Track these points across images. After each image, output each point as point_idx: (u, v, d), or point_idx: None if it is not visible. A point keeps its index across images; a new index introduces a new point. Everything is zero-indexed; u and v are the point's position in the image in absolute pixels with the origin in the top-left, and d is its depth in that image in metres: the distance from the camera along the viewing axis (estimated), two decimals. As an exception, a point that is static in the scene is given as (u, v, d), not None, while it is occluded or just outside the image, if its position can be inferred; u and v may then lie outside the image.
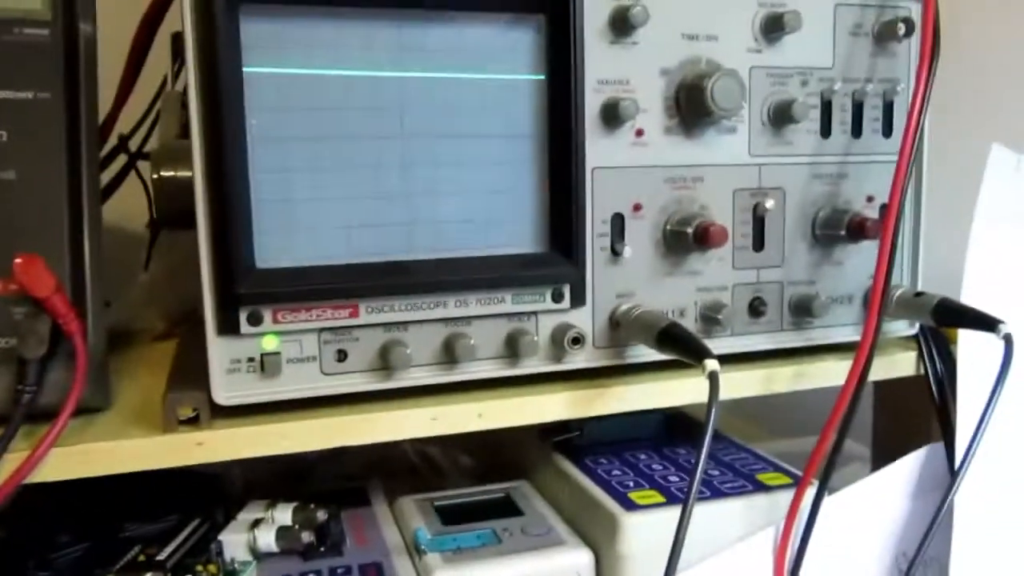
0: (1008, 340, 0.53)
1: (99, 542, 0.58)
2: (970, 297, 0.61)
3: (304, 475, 0.76)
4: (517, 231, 0.53)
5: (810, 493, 0.56)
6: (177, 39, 0.72)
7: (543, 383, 0.55)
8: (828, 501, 0.57)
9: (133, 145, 0.79)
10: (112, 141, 0.72)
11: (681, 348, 0.49)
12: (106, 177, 0.76)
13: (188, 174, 0.55)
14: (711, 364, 0.46)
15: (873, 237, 0.58)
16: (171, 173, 0.58)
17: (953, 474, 0.56)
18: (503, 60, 0.52)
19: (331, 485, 0.73)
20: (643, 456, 0.68)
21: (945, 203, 0.65)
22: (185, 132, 0.66)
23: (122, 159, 0.78)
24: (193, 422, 0.48)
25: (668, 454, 0.68)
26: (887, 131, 0.62)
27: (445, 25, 0.51)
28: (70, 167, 0.50)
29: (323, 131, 0.49)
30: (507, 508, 0.65)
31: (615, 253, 0.55)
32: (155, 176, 0.58)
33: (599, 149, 0.54)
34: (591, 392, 0.55)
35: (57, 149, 0.50)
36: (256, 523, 0.58)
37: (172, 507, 0.62)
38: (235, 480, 0.68)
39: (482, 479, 0.77)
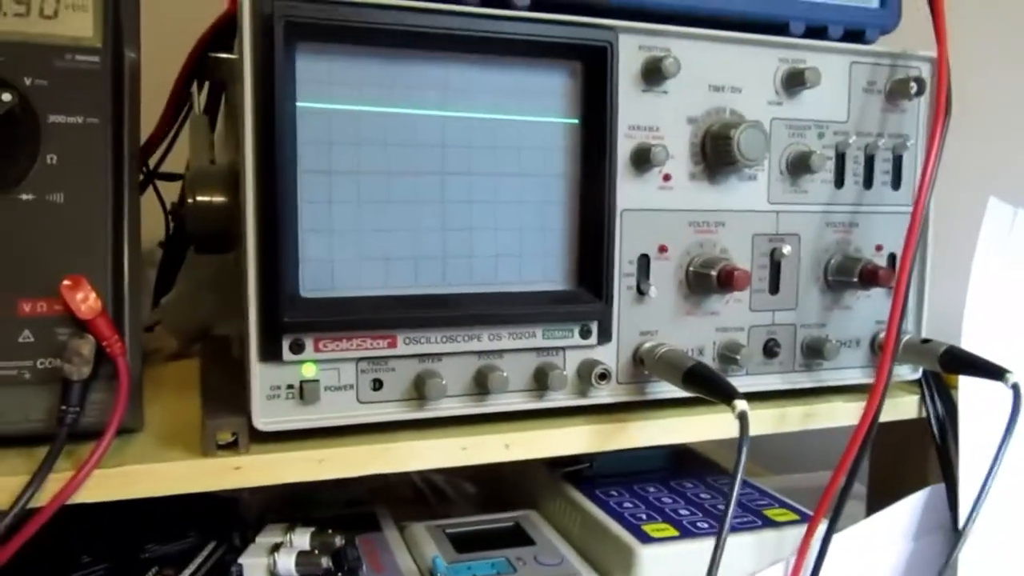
0: (1016, 390, 0.55)
1: (119, 563, 0.58)
2: (969, 343, 0.64)
3: (310, 499, 0.77)
4: (548, 268, 0.55)
5: (817, 530, 0.58)
6: (203, 60, 0.73)
7: (566, 416, 0.57)
8: (834, 539, 0.59)
9: (150, 162, 0.80)
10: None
11: (708, 388, 0.51)
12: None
13: (223, 199, 0.56)
14: (740, 404, 0.48)
15: (885, 285, 0.60)
16: (207, 199, 0.59)
17: (957, 531, 0.58)
18: (540, 104, 0.54)
19: (337, 510, 0.74)
20: (652, 489, 0.69)
21: (939, 253, 0.68)
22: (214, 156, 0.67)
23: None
24: (231, 447, 0.49)
25: (676, 487, 0.70)
26: (896, 184, 0.64)
27: (488, 69, 0.53)
28: (115, 191, 0.51)
29: (367, 165, 0.51)
30: (518, 536, 0.66)
31: (640, 292, 0.57)
32: (190, 200, 0.59)
33: (628, 192, 0.56)
34: (613, 426, 0.56)
35: (103, 174, 0.51)
36: (276, 547, 0.59)
37: (190, 529, 0.62)
38: (251, 504, 0.68)
39: (485, 507, 0.78)
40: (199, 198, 0.58)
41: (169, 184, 0.77)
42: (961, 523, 0.58)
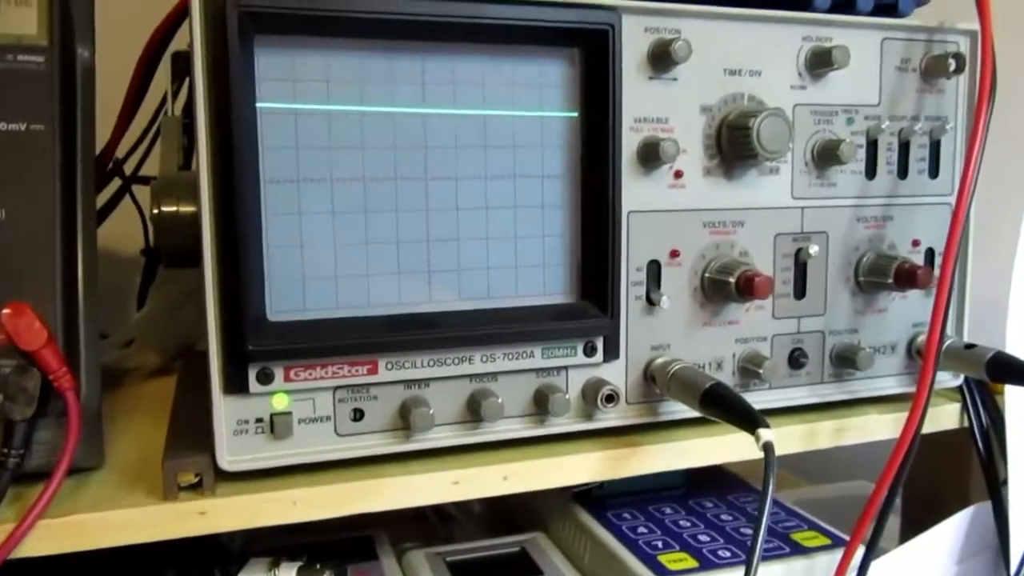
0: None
1: (89, 606, 0.54)
2: (1015, 347, 0.58)
3: (302, 524, 0.72)
4: (547, 280, 0.50)
5: (854, 557, 0.53)
6: (178, 58, 0.68)
7: (570, 440, 0.51)
8: (874, 564, 0.53)
9: (128, 168, 0.75)
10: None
11: (729, 413, 0.46)
12: (100, 201, 0.73)
13: (191, 209, 0.51)
14: (766, 435, 0.42)
15: (925, 287, 0.54)
16: (173, 208, 0.53)
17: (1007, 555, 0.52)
18: (534, 96, 0.49)
19: (331, 535, 0.69)
20: (668, 510, 0.64)
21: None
22: (187, 161, 0.62)
23: (116, 182, 0.74)
24: (196, 488, 0.44)
25: (695, 508, 0.64)
26: (934, 172, 0.58)
27: (472, 59, 0.47)
28: (64, 205, 0.46)
29: (341, 171, 0.45)
30: (524, 565, 0.61)
31: (650, 303, 0.51)
32: (155, 211, 0.54)
33: (635, 192, 0.50)
34: (623, 452, 0.51)
35: (50, 185, 0.46)
36: (259, 585, 0.54)
37: (168, 567, 0.57)
38: (234, 533, 0.64)
39: (493, 527, 0.73)
40: (164, 208, 0.53)
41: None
42: (1014, 553, 0.52)
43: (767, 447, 0.42)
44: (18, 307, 0.43)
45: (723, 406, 0.46)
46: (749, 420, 0.44)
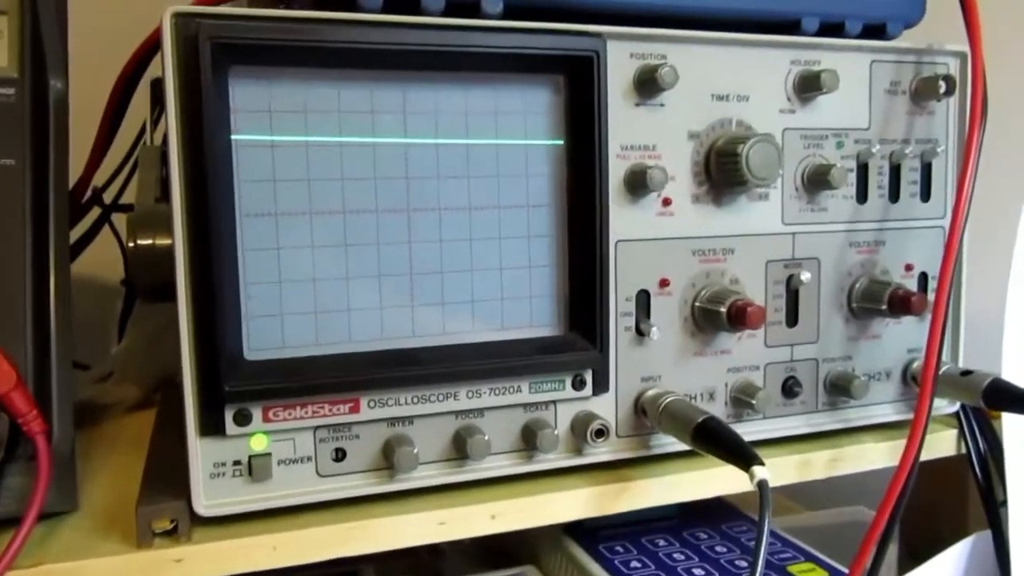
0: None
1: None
2: (1011, 373, 0.57)
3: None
4: (534, 312, 0.48)
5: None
6: (157, 85, 0.67)
7: (559, 476, 0.50)
8: (872, 600, 0.52)
9: (108, 196, 0.74)
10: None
11: (722, 449, 0.44)
12: (79, 231, 0.71)
13: (167, 242, 0.50)
14: (760, 472, 0.41)
15: (919, 314, 0.53)
16: (149, 241, 0.52)
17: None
18: (518, 124, 0.48)
19: (317, 571, 0.67)
20: (662, 542, 0.62)
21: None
22: (165, 193, 0.60)
23: (95, 211, 0.72)
24: (171, 534, 0.42)
25: (689, 539, 0.63)
26: (925, 195, 0.57)
27: (454, 87, 0.46)
28: (35, 242, 0.45)
29: (320, 204, 0.44)
30: (515, 600, 0.59)
31: (640, 333, 0.50)
32: (131, 244, 0.52)
33: (623, 220, 0.49)
34: (614, 487, 0.50)
35: (19, 223, 0.45)
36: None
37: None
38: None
39: (483, 560, 0.71)
40: (140, 241, 0.52)
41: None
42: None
43: (762, 485, 0.41)
44: (-16, 348, 0.42)
45: (715, 441, 0.45)
46: (743, 457, 0.43)
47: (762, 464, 0.42)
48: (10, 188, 0.45)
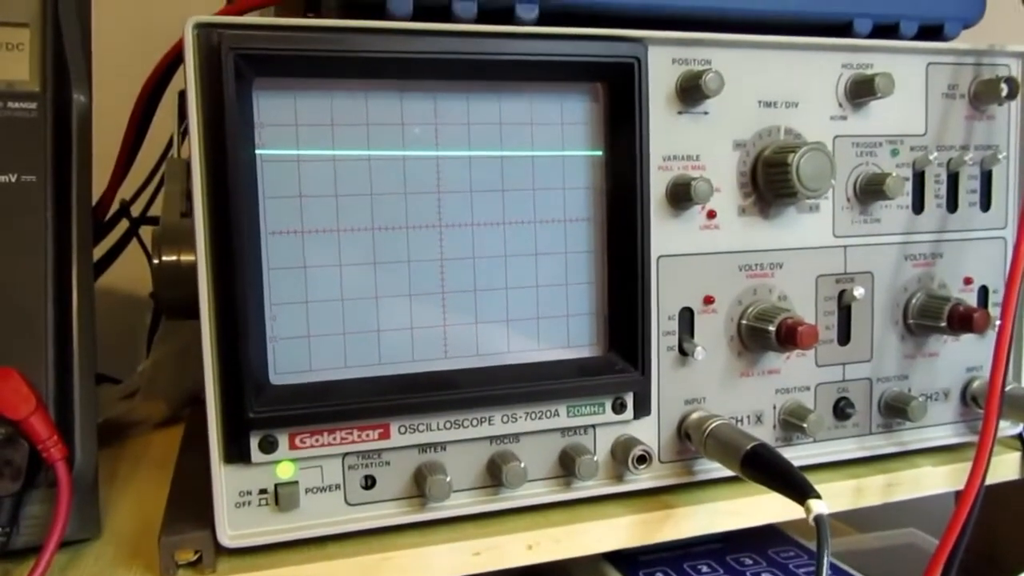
0: None
1: None
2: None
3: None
4: (572, 331, 0.46)
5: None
6: (184, 97, 0.65)
7: (600, 503, 0.48)
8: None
9: (136, 208, 0.73)
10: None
11: (775, 480, 0.42)
12: (107, 244, 0.70)
13: (192, 259, 0.48)
14: (817, 507, 0.38)
15: (982, 331, 0.50)
16: (174, 257, 0.51)
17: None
18: (555, 134, 0.45)
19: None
20: (705, 568, 0.59)
21: None
22: (191, 207, 0.59)
23: (124, 224, 0.71)
24: (195, 565, 0.41)
25: (733, 565, 0.60)
26: (985, 204, 0.54)
27: (487, 96, 0.44)
28: (57, 261, 0.44)
29: (348, 221, 0.42)
30: (552, 628, 0.57)
31: (683, 353, 0.48)
32: (156, 261, 0.51)
33: (665, 234, 0.47)
34: (656, 515, 0.47)
35: (41, 240, 0.43)
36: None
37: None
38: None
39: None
40: (165, 257, 0.51)
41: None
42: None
43: (819, 520, 0.38)
44: (3, 372, 0.40)
45: (767, 471, 0.42)
46: (797, 488, 0.40)
47: (818, 497, 0.39)
48: (32, 205, 0.43)
